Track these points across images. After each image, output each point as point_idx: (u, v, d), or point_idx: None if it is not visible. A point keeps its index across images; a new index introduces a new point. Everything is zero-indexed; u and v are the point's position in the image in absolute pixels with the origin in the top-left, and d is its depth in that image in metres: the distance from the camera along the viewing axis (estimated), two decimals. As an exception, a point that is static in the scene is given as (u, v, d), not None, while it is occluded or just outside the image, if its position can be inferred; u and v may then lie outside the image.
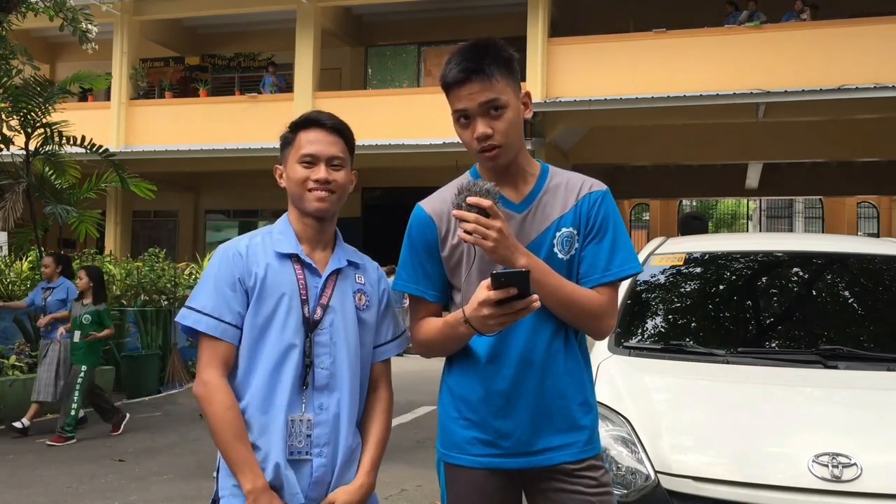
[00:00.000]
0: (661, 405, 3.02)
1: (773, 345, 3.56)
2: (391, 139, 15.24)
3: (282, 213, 2.15)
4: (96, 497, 5.46)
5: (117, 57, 17.43)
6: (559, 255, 2.03)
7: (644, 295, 3.85)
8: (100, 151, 10.39)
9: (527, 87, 2.42)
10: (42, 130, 9.78)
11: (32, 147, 9.84)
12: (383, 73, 18.57)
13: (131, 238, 18.91)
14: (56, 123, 9.77)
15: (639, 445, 2.75)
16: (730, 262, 4.02)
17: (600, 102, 14.31)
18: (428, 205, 2.10)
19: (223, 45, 20.25)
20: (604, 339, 2.89)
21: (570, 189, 2.07)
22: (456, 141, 2.08)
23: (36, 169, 10.17)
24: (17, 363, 8.37)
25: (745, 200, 30.93)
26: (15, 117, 9.59)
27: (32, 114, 9.61)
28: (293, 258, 2.05)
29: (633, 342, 3.51)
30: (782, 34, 14.12)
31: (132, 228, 19.21)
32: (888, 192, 22.47)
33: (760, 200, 29.34)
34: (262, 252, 2.05)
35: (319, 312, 2.03)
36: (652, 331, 3.69)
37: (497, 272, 1.80)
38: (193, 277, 11.80)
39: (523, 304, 1.80)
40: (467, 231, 1.86)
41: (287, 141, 2.10)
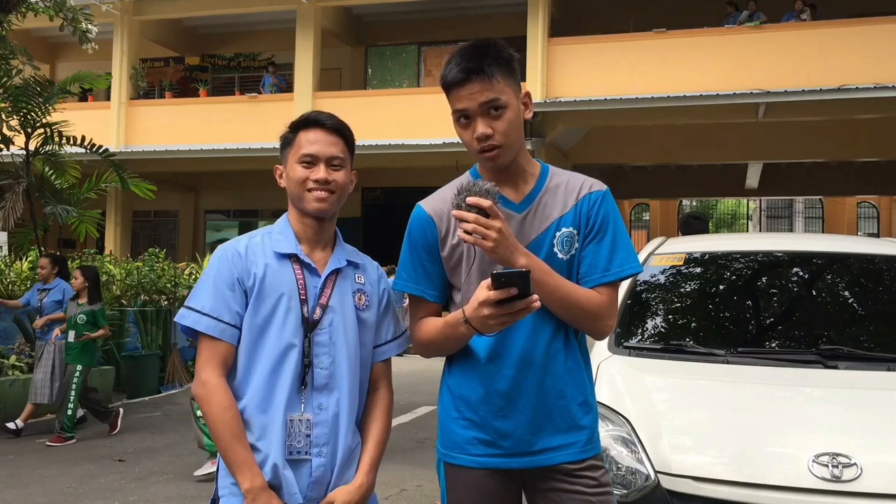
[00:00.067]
0: (661, 405, 3.02)
1: (773, 345, 3.56)
2: (391, 139, 15.24)
3: (282, 213, 2.15)
4: (96, 497, 5.47)
5: (117, 57, 17.43)
6: (559, 255, 2.03)
7: (644, 295, 3.85)
8: (100, 151, 10.39)
9: (527, 87, 2.42)
10: (42, 130, 9.78)
11: (32, 147, 9.84)
12: (383, 73, 18.57)
13: (131, 238, 18.90)
14: (56, 123, 9.76)
15: (639, 445, 2.75)
16: (730, 262, 4.02)
17: (600, 102, 14.31)
18: (428, 205, 2.10)
19: (223, 45, 20.26)
20: (604, 339, 2.89)
21: (571, 189, 2.07)
22: (456, 141, 2.08)
23: (36, 169, 10.16)
24: (17, 363, 8.36)
25: (745, 200, 30.95)
26: (15, 117, 9.59)
27: (32, 114, 9.61)
28: (292, 258, 2.05)
29: (633, 342, 3.51)
30: (782, 34, 14.12)
31: (132, 228, 19.20)
32: (888, 192, 22.47)
33: (760, 200, 29.34)
34: (262, 252, 2.05)
35: (319, 312, 2.03)
36: (652, 331, 3.68)
37: (497, 272, 1.80)
38: (193, 277, 11.81)
39: (523, 305, 1.80)
40: (467, 231, 1.86)
41: (287, 141, 2.11)
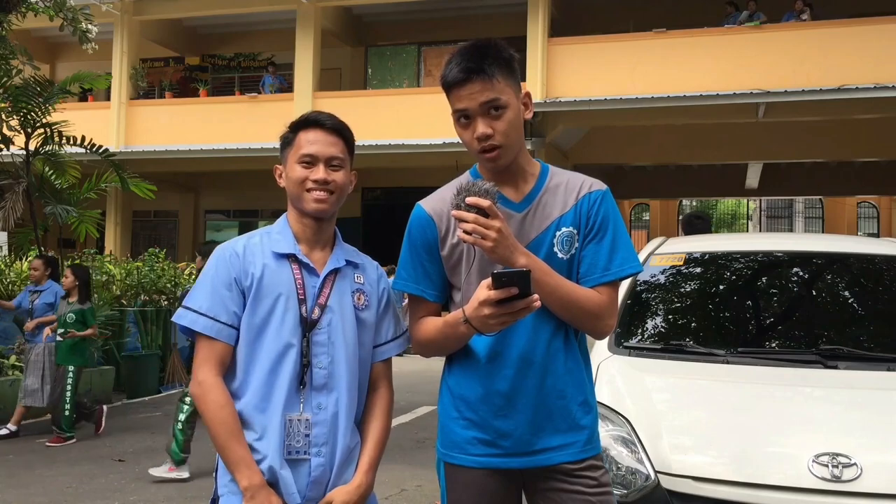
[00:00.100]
0: (661, 405, 3.02)
1: (773, 345, 3.56)
2: (391, 139, 15.24)
3: (282, 213, 2.15)
4: (96, 497, 5.46)
5: (117, 57, 17.43)
6: (559, 255, 2.03)
7: (644, 295, 3.85)
8: (100, 151, 10.38)
9: (527, 87, 2.42)
10: (42, 130, 9.77)
11: (32, 147, 9.83)
12: (383, 73, 18.57)
13: (131, 238, 18.90)
14: (56, 123, 9.76)
15: (639, 445, 2.75)
16: (730, 262, 4.02)
17: (600, 102, 14.31)
18: (428, 204, 2.10)
19: (223, 45, 20.26)
20: (604, 339, 2.89)
21: (570, 188, 2.07)
22: (456, 141, 2.08)
23: (36, 169, 10.15)
24: (18, 363, 8.37)
25: (745, 200, 30.95)
26: (15, 117, 9.58)
27: (32, 114, 9.60)
28: (290, 258, 2.05)
29: (633, 342, 3.51)
30: (782, 34, 14.12)
31: (132, 228, 19.21)
32: (888, 192, 22.47)
33: (760, 200, 29.34)
34: (260, 252, 2.05)
35: (317, 312, 2.03)
36: (652, 331, 3.68)
37: (498, 271, 1.80)
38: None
39: (524, 304, 1.80)
40: (466, 231, 1.85)
41: (287, 141, 2.10)
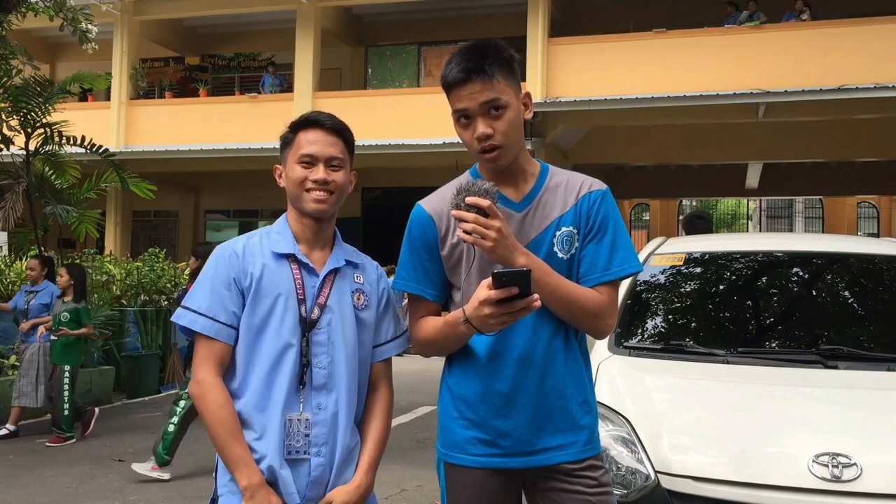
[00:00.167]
0: (661, 405, 3.02)
1: (773, 345, 3.56)
2: (391, 139, 15.24)
3: (282, 213, 2.15)
4: (96, 497, 5.46)
5: (117, 57, 17.43)
6: (559, 255, 2.03)
7: (644, 295, 3.85)
8: (100, 151, 10.38)
9: (527, 87, 2.43)
10: (42, 130, 9.77)
11: (32, 147, 9.83)
12: (383, 73, 18.57)
13: (131, 238, 18.90)
14: (56, 123, 9.76)
15: (639, 445, 2.75)
16: (730, 262, 4.02)
17: (600, 102, 14.30)
18: (428, 204, 2.10)
19: (223, 45, 20.26)
20: (604, 339, 2.89)
21: (570, 188, 2.07)
22: (456, 141, 2.08)
23: (36, 169, 10.15)
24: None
25: (745, 200, 30.95)
26: (15, 117, 9.58)
27: (32, 114, 9.60)
28: (290, 258, 2.05)
29: (633, 342, 3.51)
30: (782, 34, 14.12)
31: (132, 228, 19.21)
32: (888, 192, 22.47)
33: (760, 200, 29.35)
34: (259, 252, 2.05)
35: (317, 312, 2.03)
36: (652, 331, 3.68)
37: (499, 271, 1.80)
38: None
39: (524, 304, 1.80)
40: (466, 231, 1.86)
41: (287, 141, 2.11)
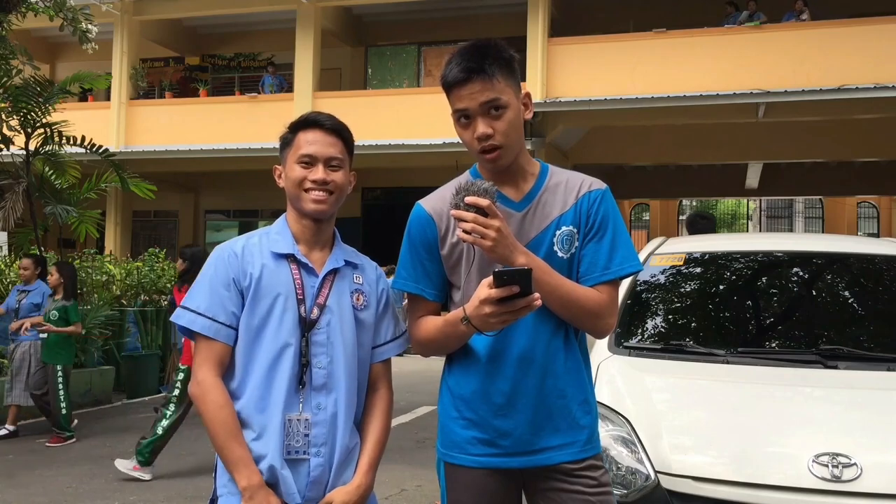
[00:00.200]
0: (661, 405, 3.02)
1: (773, 345, 3.56)
2: (391, 139, 15.24)
3: (282, 214, 2.15)
4: (96, 497, 5.47)
5: (117, 57, 17.43)
6: (559, 254, 2.03)
7: (644, 295, 3.85)
8: (100, 151, 10.38)
9: (527, 87, 2.43)
10: (42, 130, 9.77)
11: (32, 147, 9.83)
12: (383, 73, 18.57)
13: (131, 238, 18.90)
14: (56, 123, 9.75)
15: (639, 445, 2.75)
16: (730, 262, 4.02)
17: (600, 102, 14.30)
18: (427, 203, 2.10)
19: (223, 45, 20.25)
20: (604, 338, 2.89)
21: (570, 188, 2.07)
22: (456, 141, 2.08)
23: (36, 169, 10.15)
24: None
25: (745, 200, 30.96)
26: (15, 117, 9.58)
27: (32, 114, 9.60)
28: (289, 258, 2.05)
29: (633, 342, 3.51)
30: (782, 34, 14.12)
31: (132, 228, 19.20)
32: (888, 192, 22.47)
33: (760, 200, 29.35)
34: (259, 252, 2.05)
35: (316, 312, 2.03)
36: (652, 331, 3.68)
37: (499, 270, 1.80)
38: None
39: (525, 303, 1.80)
40: (466, 230, 1.86)
41: (286, 141, 2.11)
